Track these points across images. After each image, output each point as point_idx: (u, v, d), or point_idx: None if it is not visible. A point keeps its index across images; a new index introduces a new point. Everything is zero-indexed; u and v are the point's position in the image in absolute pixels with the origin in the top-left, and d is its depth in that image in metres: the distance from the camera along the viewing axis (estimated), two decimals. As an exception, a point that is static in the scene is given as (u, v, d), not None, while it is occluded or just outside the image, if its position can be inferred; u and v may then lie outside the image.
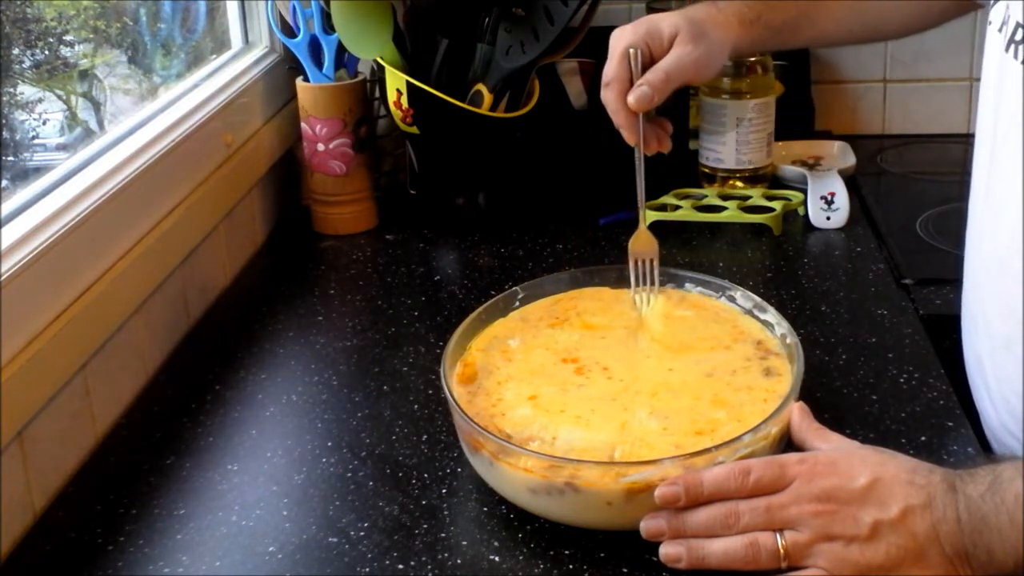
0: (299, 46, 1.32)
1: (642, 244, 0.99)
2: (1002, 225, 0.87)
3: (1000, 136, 0.87)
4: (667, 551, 0.74)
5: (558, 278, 1.02)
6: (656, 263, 0.99)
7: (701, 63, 1.01)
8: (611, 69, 1.00)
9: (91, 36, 1.21)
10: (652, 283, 0.99)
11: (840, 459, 0.74)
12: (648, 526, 0.75)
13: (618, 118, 1.01)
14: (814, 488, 0.72)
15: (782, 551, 0.72)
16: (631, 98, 0.99)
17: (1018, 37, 0.84)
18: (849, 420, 0.90)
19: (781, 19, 1.08)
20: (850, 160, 1.47)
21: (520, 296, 1.00)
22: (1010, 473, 0.69)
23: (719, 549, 0.73)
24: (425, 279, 1.25)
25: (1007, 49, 0.85)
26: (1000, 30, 0.87)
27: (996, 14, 0.89)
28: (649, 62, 1.00)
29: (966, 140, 1.63)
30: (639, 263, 0.99)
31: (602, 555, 0.77)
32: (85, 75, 1.20)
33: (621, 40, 1.00)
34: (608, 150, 1.55)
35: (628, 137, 1.01)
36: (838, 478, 0.72)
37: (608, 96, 1.01)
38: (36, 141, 1.10)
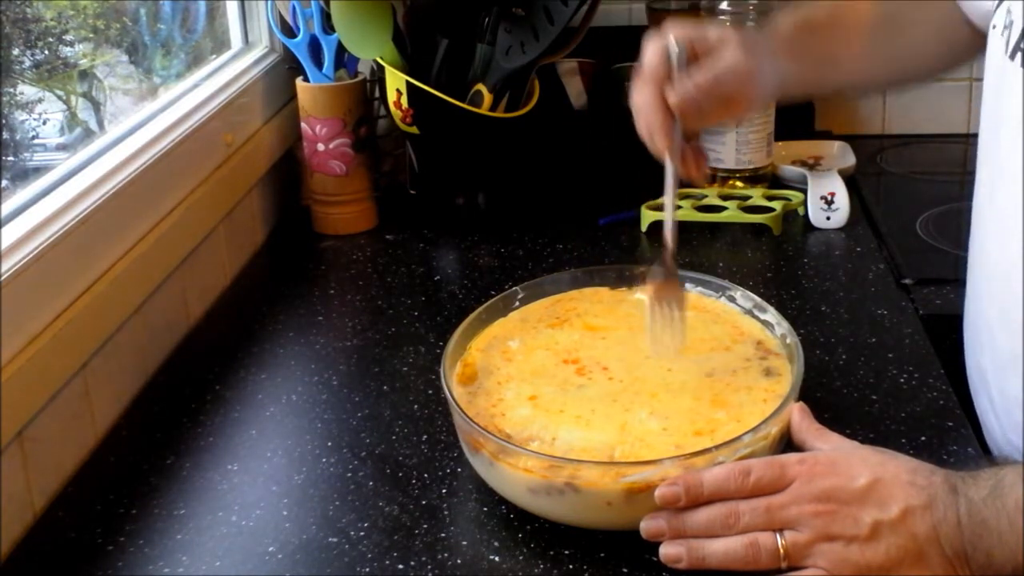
0: (299, 46, 1.32)
1: (667, 289, 0.85)
2: (1008, 240, 0.85)
3: (1005, 148, 0.86)
4: (667, 551, 0.74)
5: (558, 278, 1.02)
6: (683, 310, 0.85)
7: (753, 77, 0.88)
8: (648, 64, 0.86)
9: (91, 36, 1.21)
10: (677, 335, 0.85)
11: (840, 459, 0.74)
12: (648, 526, 0.75)
13: (653, 119, 0.86)
14: (814, 488, 0.72)
15: (782, 551, 0.72)
16: (673, 97, 0.85)
17: (1022, 44, 0.83)
18: (849, 420, 0.90)
19: (827, 51, 0.99)
20: (850, 160, 1.47)
21: (520, 296, 1.00)
22: (1012, 478, 0.69)
23: (719, 549, 0.73)
24: (425, 279, 1.25)
25: (1009, 54, 0.84)
26: (1002, 34, 0.86)
27: (998, 18, 0.88)
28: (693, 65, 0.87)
29: (966, 140, 1.63)
30: (660, 309, 0.84)
31: (602, 555, 0.77)
32: (85, 75, 1.20)
33: (660, 37, 0.87)
34: (608, 150, 1.56)
35: (661, 144, 0.86)
36: (838, 478, 0.72)
37: (643, 94, 0.86)
38: (36, 141, 1.10)
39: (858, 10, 1.01)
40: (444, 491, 0.85)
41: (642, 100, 0.87)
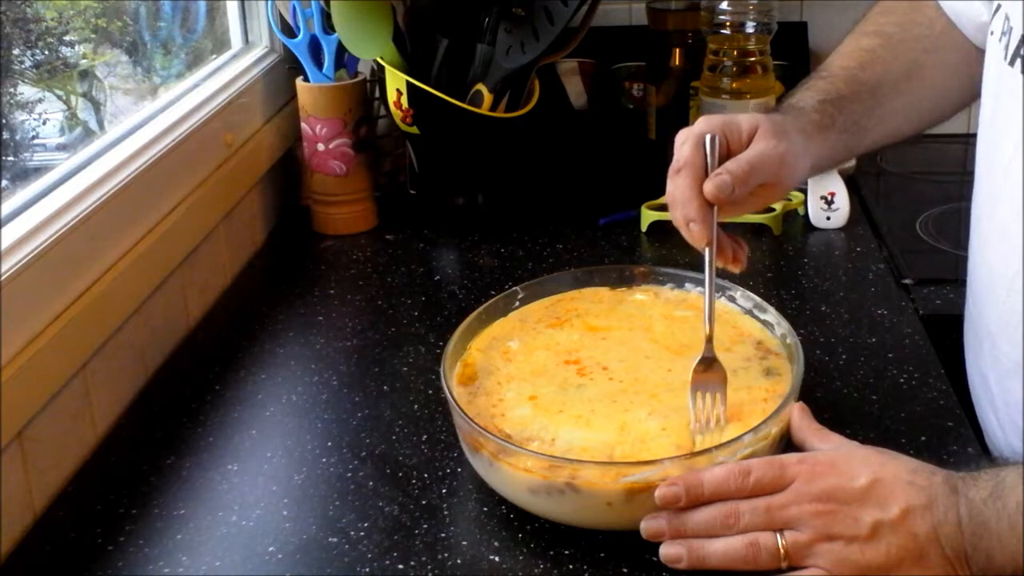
0: (299, 46, 1.32)
1: (710, 379, 0.84)
2: (1009, 249, 0.85)
3: (1006, 155, 0.85)
4: (667, 551, 0.74)
5: (558, 278, 1.02)
6: (724, 395, 0.83)
7: (786, 160, 0.89)
8: (684, 154, 0.88)
9: (91, 36, 1.21)
10: (717, 421, 0.83)
11: (840, 459, 0.74)
12: (648, 526, 0.75)
13: (689, 209, 0.86)
14: (814, 488, 0.72)
15: (782, 551, 0.72)
16: (709, 186, 0.85)
17: (1021, 50, 0.83)
18: (849, 420, 0.90)
19: (852, 120, 0.98)
20: (850, 160, 1.47)
21: (520, 296, 1.00)
22: (1013, 479, 0.69)
23: (719, 549, 0.73)
24: (425, 279, 1.25)
25: (1009, 60, 0.84)
26: (1000, 40, 0.86)
27: (996, 24, 0.88)
28: (725, 155, 0.88)
29: (966, 140, 1.62)
30: (702, 397, 0.83)
31: (602, 555, 0.77)
32: (85, 75, 1.20)
33: (694, 128, 0.89)
34: (608, 150, 1.56)
35: (700, 234, 0.86)
36: (838, 478, 0.72)
37: (681, 184, 0.87)
38: (36, 141, 1.10)
39: (877, 75, 1.00)
40: (444, 491, 0.85)
41: (679, 192, 0.87)
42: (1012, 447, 0.88)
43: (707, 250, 0.86)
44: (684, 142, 0.88)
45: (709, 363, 0.84)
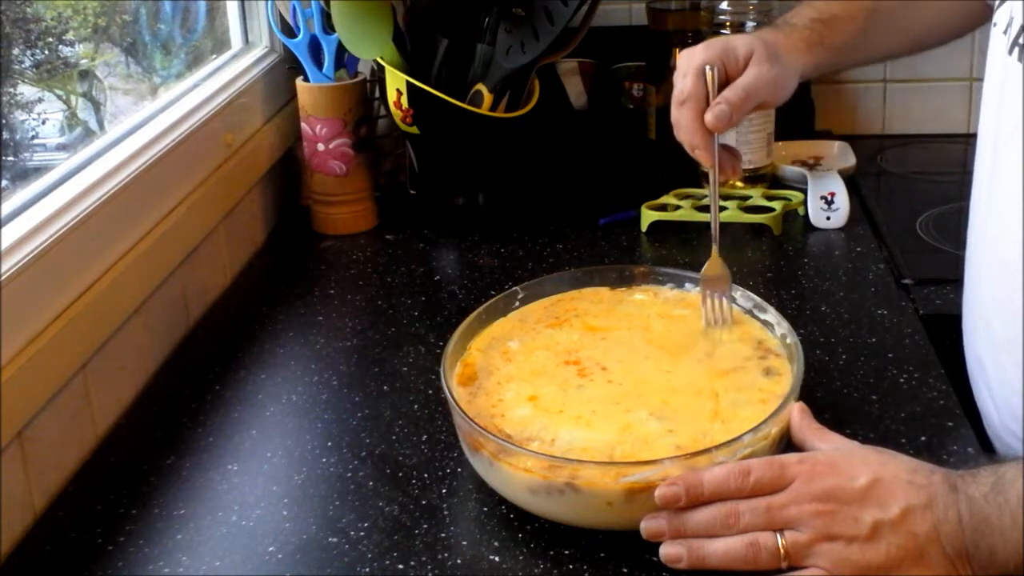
0: (299, 46, 1.32)
1: (716, 279, 0.96)
2: (1004, 229, 0.87)
3: (1003, 139, 0.87)
4: (667, 551, 0.74)
5: (558, 278, 1.02)
6: (727, 299, 0.95)
7: (779, 83, 0.99)
8: (687, 86, 0.97)
9: (91, 36, 1.21)
10: (724, 320, 0.95)
11: (840, 459, 0.74)
12: (648, 526, 0.75)
13: (694, 138, 0.97)
14: (814, 488, 0.72)
15: (782, 551, 0.72)
16: (709, 116, 0.96)
17: (1021, 40, 0.84)
18: (849, 420, 0.90)
19: (841, 40, 1.07)
20: (850, 160, 1.47)
21: (520, 296, 1.00)
22: (1012, 474, 0.69)
23: (719, 549, 0.73)
24: (425, 279, 1.25)
25: (1010, 51, 0.85)
26: (1004, 32, 0.87)
27: (1001, 16, 0.88)
28: (724, 81, 0.98)
29: (966, 140, 1.63)
30: (710, 295, 0.95)
31: (602, 555, 0.77)
32: (85, 75, 1.20)
33: (694, 58, 0.97)
34: (608, 150, 1.56)
35: (704, 159, 0.98)
36: (838, 478, 0.72)
37: (684, 115, 0.97)
38: (36, 141, 1.10)
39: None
40: (444, 491, 0.85)
41: (683, 120, 0.97)
42: (1008, 428, 0.89)
43: (711, 171, 0.98)
44: (686, 74, 0.97)
45: (715, 268, 0.96)
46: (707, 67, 0.96)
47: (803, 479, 0.73)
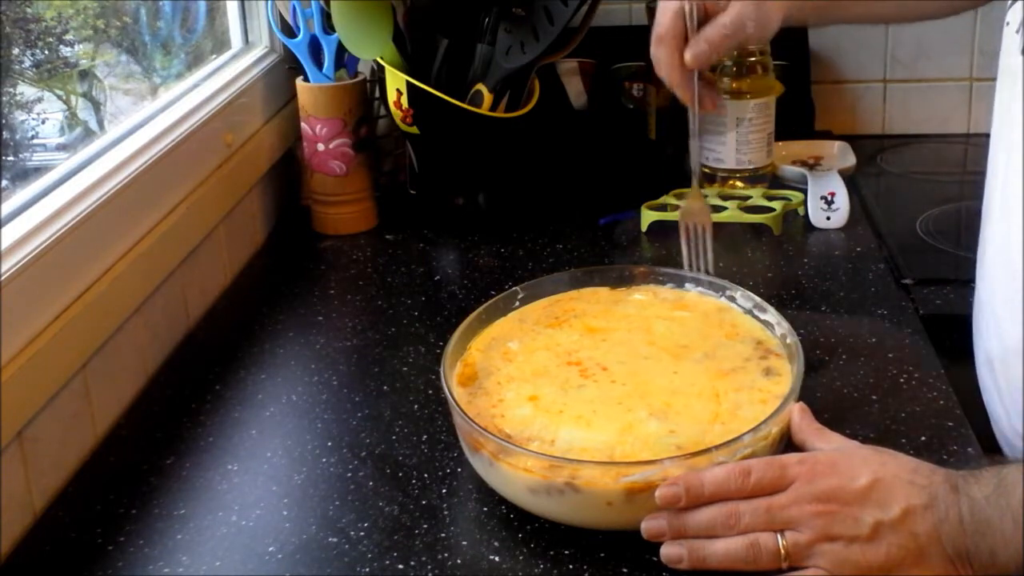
0: (299, 46, 1.32)
1: (695, 210, 0.99)
2: (1016, 230, 0.86)
3: (1015, 140, 0.87)
4: (668, 552, 0.74)
5: (558, 278, 1.02)
6: (709, 231, 0.99)
7: (760, 22, 0.99)
8: (664, 24, 0.97)
9: (91, 36, 1.21)
10: (705, 251, 0.99)
11: (840, 459, 0.74)
12: (649, 526, 0.75)
13: (672, 76, 0.98)
14: (815, 488, 0.72)
15: (783, 551, 0.72)
16: (688, 54, 0.96)
17: None
18: (849, 420, 0.90)
19: None
20: (850, 160, 1.47)
21: (520, 296, 1.00)
22: (1015, 476, 0.69)
23: (720, 550, 0.73)
24: (425, 279, 1.25)
25: (1022, 50, 0.85)
26: (1017, 31, 0.86)
27: (1013, 15, 0.88)
28: (704, 18, 0.98)
29: (966, 140, 1.63)
30: (690, 228, 0.99)
31: (602, 555, 0.77)
32: (85, 75, 1.20)
33: None
34: (608, 150, 1.56)
35: (683, 96, 0.99)
36: (839, 478, 0.72)
37: (661, 53, 0.97)
38: (36, 141, 1.10)
39: None
40: (444, 491, 0.85)
41: (661, 57, 0.99)
42: (1016, 429, 0.89)
43: (689, 108, 0.99)
44: (664, 11, 0.97)
45: (694, 200, 1.00)
46: (687, 4, 0.96)
47: (803, 480, 0.73)
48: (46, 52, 1.12)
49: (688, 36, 0.96)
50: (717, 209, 1.32)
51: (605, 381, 0.88)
